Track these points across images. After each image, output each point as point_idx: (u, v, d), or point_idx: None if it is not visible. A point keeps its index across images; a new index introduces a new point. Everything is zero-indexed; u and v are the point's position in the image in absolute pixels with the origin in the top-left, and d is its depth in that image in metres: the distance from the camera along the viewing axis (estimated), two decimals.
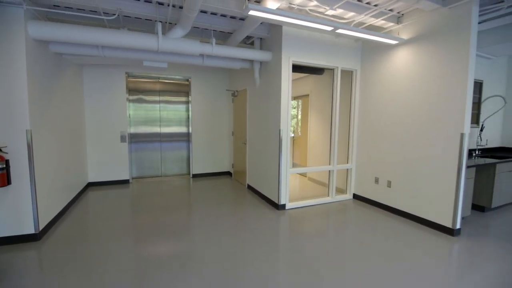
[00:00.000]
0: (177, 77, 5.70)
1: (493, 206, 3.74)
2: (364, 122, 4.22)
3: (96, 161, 5.05)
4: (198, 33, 3.96)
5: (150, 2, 3.04)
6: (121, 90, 5.15)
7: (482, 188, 3.79)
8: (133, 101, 5.45)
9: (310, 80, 5.57)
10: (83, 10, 3.10)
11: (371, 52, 4.02)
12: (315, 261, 2.44)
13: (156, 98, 5.64)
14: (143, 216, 3.56)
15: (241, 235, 2.97)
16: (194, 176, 5.98)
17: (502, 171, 3.74)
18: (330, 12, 3.09)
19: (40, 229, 2.86)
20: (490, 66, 4.51)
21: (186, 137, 5.93)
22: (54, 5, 2.90)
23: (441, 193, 3.13)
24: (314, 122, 5.46)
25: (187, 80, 5.79)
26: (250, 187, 4.96)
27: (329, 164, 4.26)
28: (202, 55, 3.98)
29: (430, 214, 3.25)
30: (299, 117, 6.60)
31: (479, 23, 3.30)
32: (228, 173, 6.27)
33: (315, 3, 2.80)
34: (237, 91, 5.46)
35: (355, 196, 4.43)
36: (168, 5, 3.01)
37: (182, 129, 5.90)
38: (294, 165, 6.49)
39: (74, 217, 3.46)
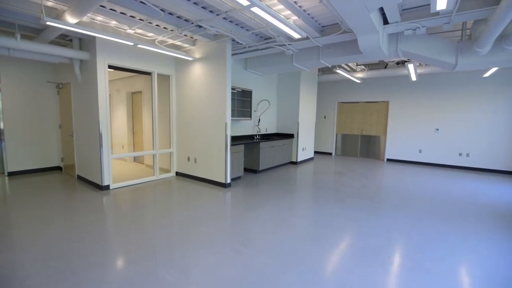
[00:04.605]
0: None
1: (260, 169, 5.95)
2: (179, 115, 5.50)
3: None
4: (6, 25, 3.90)
5: None
6: None
7: (254, 158, 5.93)
8: None
9: (142, 79, 6.35)
10: None
11: (181, 62, 5.31)
12: (122, 214, 3.38)
13: None
14: None
15: (66, 219, 3.32)
16: (11, 174, 5.46)
17: (264, 147, 6.00)
18: (130, 31, 4.04)
19: None
20: (265, 79, 6.89)
21: None
22: None
23: (219, 163, 4.80)
24: (147, 116, 6.31)
25: None
26: (80, 177, 5.22)
27: (153, 149, 5.27)
28: (7, 48, 3.95)
29: (216, 176, 4.90)
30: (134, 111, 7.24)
31: (241, 53, 5.22)
32: (59, 168, 6.10)
33: (115, 22, 3.66)
34: (61, 83, 5.48)
35: (178, 173, 5.68)
36: None
37: None
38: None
39: None
